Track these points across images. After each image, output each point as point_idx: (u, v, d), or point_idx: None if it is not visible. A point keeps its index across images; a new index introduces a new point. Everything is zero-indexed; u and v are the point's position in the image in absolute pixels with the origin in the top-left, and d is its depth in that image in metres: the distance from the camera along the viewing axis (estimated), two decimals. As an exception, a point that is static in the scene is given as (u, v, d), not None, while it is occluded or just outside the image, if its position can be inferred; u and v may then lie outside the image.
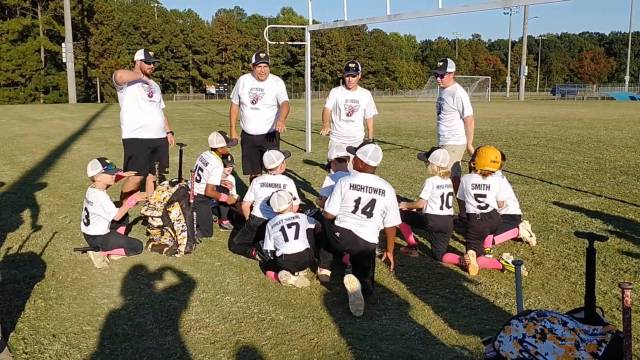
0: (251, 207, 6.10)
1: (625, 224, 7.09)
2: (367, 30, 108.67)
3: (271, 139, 7.22)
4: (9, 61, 54.86)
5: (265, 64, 7.07)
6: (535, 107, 41.21)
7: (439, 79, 6.92)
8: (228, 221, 6.96)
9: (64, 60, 49.40)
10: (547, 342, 2.54)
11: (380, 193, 4.91)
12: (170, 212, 6.04)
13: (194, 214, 6.16)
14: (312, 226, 5.46)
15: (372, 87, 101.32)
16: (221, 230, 6.91)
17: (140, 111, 6.86)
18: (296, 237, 5.24)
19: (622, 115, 27.94)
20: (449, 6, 10.25)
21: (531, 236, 6.25)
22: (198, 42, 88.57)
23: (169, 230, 6.03)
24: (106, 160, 5.87)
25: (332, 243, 5.05)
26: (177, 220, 6.03)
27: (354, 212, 4.90)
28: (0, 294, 4.73)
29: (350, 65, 7.18)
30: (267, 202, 5.70)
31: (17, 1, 56.30)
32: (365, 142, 5.30)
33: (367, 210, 4.89)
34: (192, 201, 6.16)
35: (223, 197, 6.62)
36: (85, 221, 5.80)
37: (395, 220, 5.04)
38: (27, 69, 55.83)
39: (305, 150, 14.39)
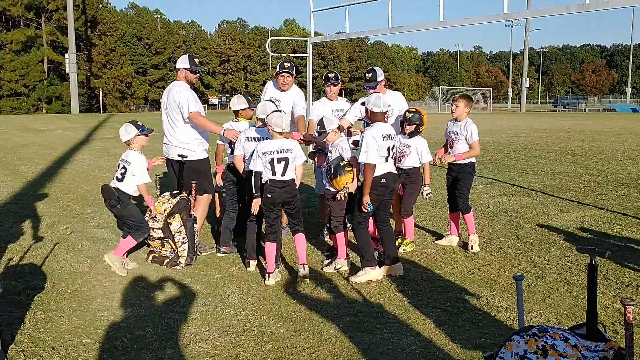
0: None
1: (627, 237, 7.07)
2: (368, 42, 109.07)
3: None
4: (12, 71, 54.95)
5: (288, 74, 6.90)
6: (536, 119, 41.25)
7: (371, 90, 6.62)
8: (227, 247, 6.55)
9: (67, 71, 49.45)
10: (548, 359, 2.52)
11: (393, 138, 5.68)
12: (171, 223, 6.03)
13: (195, 225, 6.16)
14: (303, 160, 5.62)
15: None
16: (218, 255, 6.47)
17: (203, 132, 6.40)
18: (283, 174, 5.46)
19: (624, 128, 27.94)
20: (450, 19, 10.29)
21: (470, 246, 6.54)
22: (201, 53, 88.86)
23: (170, 242, 6.03)
24: (138, 123, 5.86)
25: (378, 193, 5.51)
26: (178, 232, 6.02)
27: (387, 159, 5.56)
28: (0, 306, 4.72)
29: (329, 75, 6.99)
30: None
31: (21, 12, 56.46)
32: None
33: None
34: (193, 212, 6.15)
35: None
36: (120, 177, 5.81)
37: None
38: (30, 79, 55.94)
39: (307, 162, 14.39)
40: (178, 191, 6.27)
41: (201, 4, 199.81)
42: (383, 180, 5.51)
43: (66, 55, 48.85)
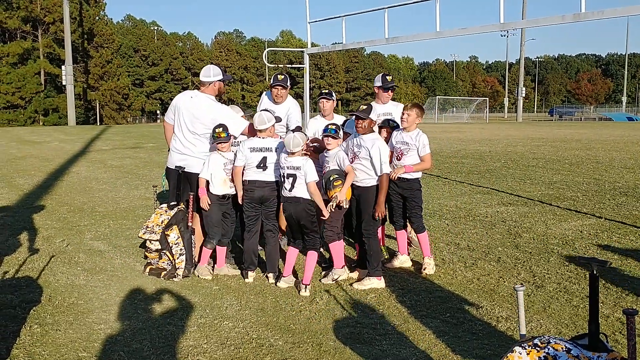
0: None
1: (626, 245, 7.06)
2: (365, 53, 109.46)
3: None
4: (8, 84, 54.97)
5: (281, 87, 6.82)
6: (533, 128, 41.37)
7: (390, 92, 6.66)
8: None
9: (63, 83, 49.58)
10: (551, 370, 2.49)
11: None
12: (168, 235, 6.00)
13: (192, 237, 6.12)
14: (313, 179, 5.49)
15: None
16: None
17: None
18: (291, 189, 5.53)
19: (620, 136, 28.03)
20: (446, 29, 10.31)
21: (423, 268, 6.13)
22: (197, 64, 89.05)
23: (167, 253, 5.98)
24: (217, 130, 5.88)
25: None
26: (175, 244, 5.98)
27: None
28: (-5, 320, 4.68)
29: (323, 91, 6.93)
30: (257, 166, 5.80)
31: (17, 24, 56.61)
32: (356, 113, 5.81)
33: None
34: (190, 224, 6.11)
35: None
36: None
37: None
38: (26, 92, 55.94)
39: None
40: (175, 202, 6.24)
41: (198, 16, 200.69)
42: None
43: (63, 67, 48.96)
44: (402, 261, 6.35)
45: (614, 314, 4.84)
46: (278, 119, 6.12)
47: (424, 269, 6.07)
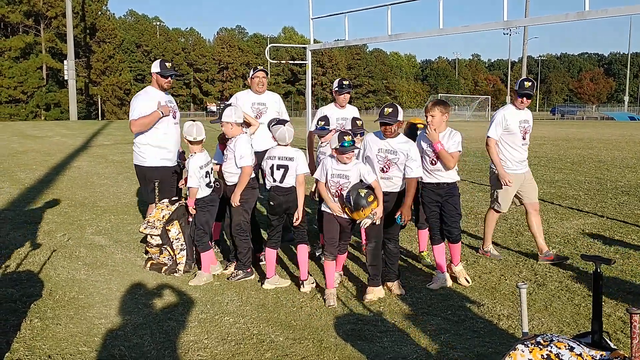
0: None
1: (627, 244, 7.04)
2: (367, 50, 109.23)
3: None
4: (10, 78, 54.96)
5: (264, 73, 6.77)
6: (535, 126, 41.17)
7: (526, 100, 6.52)
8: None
9: (65, 78, 49.59)
10: (553, 368, 2.47)
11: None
12: (169, 230, 5.99)
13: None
14: (306, 171, 5.56)
15: (372, 105, 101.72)
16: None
17: (166, 136, 6.34)
18: (281, 181, 5.52)
19: (622, 136, 27.98)
20: (449, 26, 10.28)
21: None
22: (199, 60, 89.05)
23: (168, 249, 5.98)
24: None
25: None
26: (176, 239, 5.98)
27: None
28: (-4, 313, 4.67)
29: (344, 82, 6.78)
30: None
31: (20, 19, 56.61)
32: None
33: None
34: (191, 220, 6.07)
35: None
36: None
37: None
38: (28, 86, 55.95)
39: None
40: (177, 198, 6.23)
41: (200, 12, 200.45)
42: None
43: (65, 62, 48.96)
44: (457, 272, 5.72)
45: (616, 313, 4.83)
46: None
47: (460, 278, 5.63)
